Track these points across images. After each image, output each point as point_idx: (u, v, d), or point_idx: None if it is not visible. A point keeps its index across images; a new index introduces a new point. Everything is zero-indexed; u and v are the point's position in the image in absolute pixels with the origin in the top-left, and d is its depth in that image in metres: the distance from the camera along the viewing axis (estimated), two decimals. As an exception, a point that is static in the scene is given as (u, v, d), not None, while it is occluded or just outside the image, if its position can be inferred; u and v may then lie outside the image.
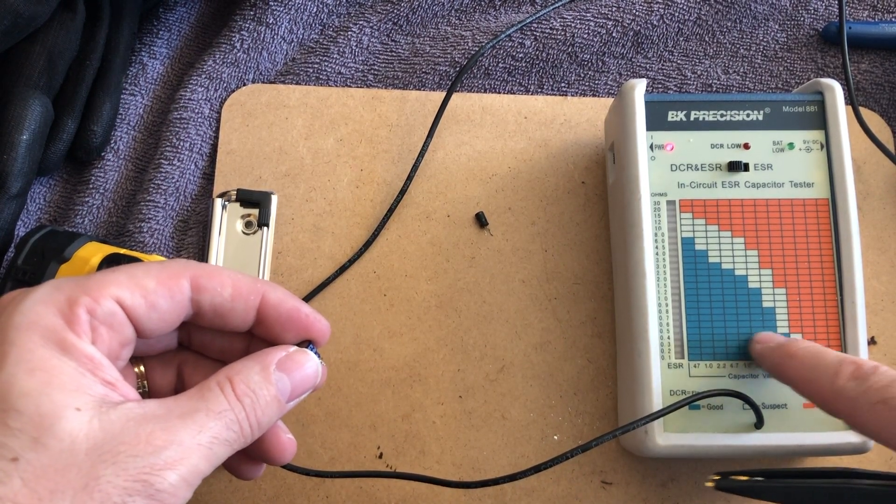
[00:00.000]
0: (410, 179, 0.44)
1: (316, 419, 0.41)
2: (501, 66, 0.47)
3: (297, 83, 0.46)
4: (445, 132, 0.45)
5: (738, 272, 0.37)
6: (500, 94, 0.46)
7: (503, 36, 0.45)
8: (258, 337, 0.29)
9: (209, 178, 0.45)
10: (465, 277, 0.43)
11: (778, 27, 0.48)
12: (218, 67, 0.45)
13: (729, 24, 0.48)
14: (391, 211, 0.43)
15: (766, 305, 0.37)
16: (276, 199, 0.43)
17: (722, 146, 0.39)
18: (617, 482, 0.40)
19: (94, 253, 0.37)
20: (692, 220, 0.38)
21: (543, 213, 0.44)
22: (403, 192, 0.44)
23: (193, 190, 0.44)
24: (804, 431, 0.36)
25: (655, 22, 0.47)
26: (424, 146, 0.44)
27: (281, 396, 0.27)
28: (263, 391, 0.26)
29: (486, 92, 0.47)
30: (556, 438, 0.41)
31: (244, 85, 0.46)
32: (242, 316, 0.28)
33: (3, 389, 0.22)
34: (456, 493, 0.39)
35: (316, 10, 0.46)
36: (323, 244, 0.43)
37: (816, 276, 0.37)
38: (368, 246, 0.43)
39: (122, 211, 0.44)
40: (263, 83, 0.46)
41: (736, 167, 0.38)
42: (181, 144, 0.44)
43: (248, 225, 0.42)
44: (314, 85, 0.46)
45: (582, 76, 0.47)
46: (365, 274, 0.43)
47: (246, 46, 0.45)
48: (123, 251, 0.38)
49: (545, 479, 0.40)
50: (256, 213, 0.42)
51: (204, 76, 0.45)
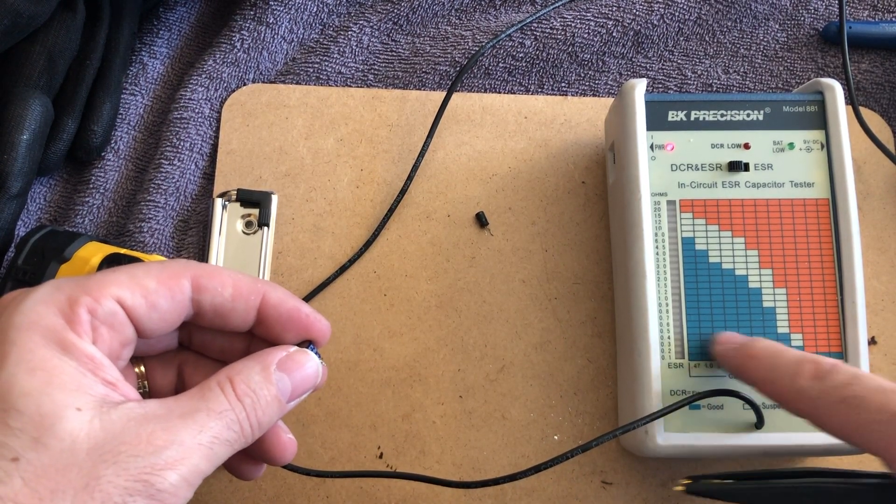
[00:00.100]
0: (411, 179, 0.44)
1: (316, 419, 0.41)
2: (502, 65, 0.47)
3: (297, 83, 0.46)
4: (445, 132, 0.45)
5: (738, 272, 0.37)
6: (500, 93, 0.46)
7: (503, 36, 0.45)
8: (259, 337, 0.29)
9: (209, 177, 0.45)
10: (465, 277, 0.43)
11: (778, 27, 0.48)
12: (218, 67, 0.45)
13: (729, 23, 0.48)
14: (391, 211, 0.43)
15: (766, 305, 0.37)
16: (276, 199, 0.43)
17: (722, 146, 0.39)
18: (617, 482, 0.40)
19: (94, 253, 0.37)
20: (692, 219, 0.38)
21: (543, 212, 0.44)
22: (404, 191, 0.44)
23: (194, 190, 0.44)
24: (804, 431, 0.35)
25: (656, 21, 0.47)
26: (424, 146, 0.44)
27: (281, 396, 0.27)
28: (264, 391, 0.26)
29: (486, 92, 0.47)
30: (556, 438, 0.41)
31: (244, 85, 0.46)
32: (243, 316, 0.28)
33: (3, 389, 0.22)
34: (456, 493, 0.39)
35: (316, 9, 0.46)
36: (323, 244, 0.43)
37: (817, 276, 0.37)
38: (369, 246, 0.43)
39: (122, 211, 0.44)
40: (264, 83, 0.46)
41: (736, 167, 0.38)
42: (181, 144, 0.44)
43: (248, 225, 0.42)
44: (314, 85, 0.46)
45: (582, 76, 0.47)
46: (365, 274, 0.43)
47: (246, 46, 0.45)
48: (124, 251, 0.38)
49: (545, 479, 0.40)
50: (257, 213, 0.42)
51: (204, 76, 0.45)
